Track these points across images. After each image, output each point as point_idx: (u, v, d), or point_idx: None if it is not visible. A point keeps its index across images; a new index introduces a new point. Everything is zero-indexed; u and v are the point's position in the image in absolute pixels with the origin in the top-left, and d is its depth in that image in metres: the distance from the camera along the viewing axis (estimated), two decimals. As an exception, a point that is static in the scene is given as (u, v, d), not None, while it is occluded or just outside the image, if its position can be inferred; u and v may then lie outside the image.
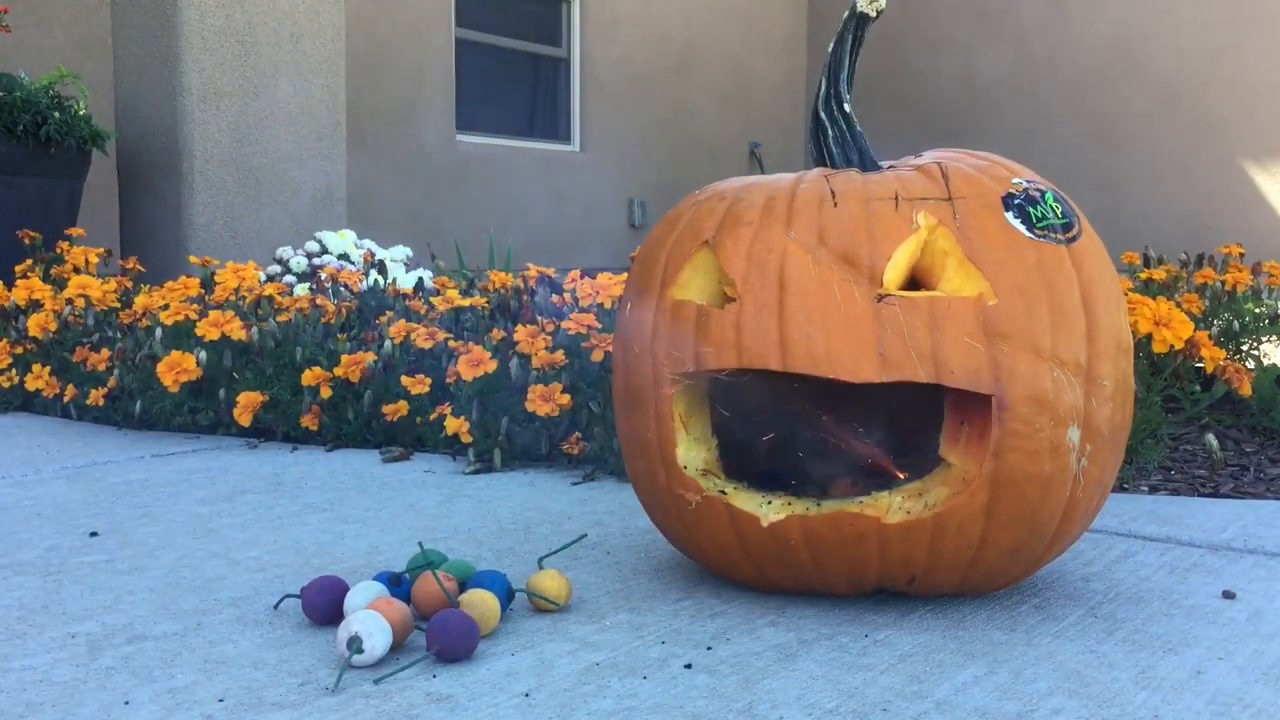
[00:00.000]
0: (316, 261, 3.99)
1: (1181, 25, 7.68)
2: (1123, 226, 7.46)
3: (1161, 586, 1.25)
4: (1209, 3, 7.60)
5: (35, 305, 2.77)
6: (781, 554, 1.13)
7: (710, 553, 1.20)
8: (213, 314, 2.28)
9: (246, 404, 2.20)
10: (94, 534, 1.49)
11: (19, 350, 2.68)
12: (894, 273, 1.09)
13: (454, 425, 1.98)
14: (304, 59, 4.83)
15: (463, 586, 1.15)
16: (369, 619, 1.00)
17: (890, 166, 1.23)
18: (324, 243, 4.16)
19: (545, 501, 1.71)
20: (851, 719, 0.90)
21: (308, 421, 2.19)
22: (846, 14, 1.24)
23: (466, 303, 2.39)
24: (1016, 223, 1.11)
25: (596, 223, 7.73)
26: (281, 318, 2.41)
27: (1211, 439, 1.87)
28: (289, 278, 3.82)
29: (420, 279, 3.19)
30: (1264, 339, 2.43)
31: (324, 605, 1.12)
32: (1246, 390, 1.84)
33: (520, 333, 2.03)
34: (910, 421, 1.14)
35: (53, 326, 2.63)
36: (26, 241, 3.25)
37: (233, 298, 2.51)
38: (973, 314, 1.07)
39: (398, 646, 1.04)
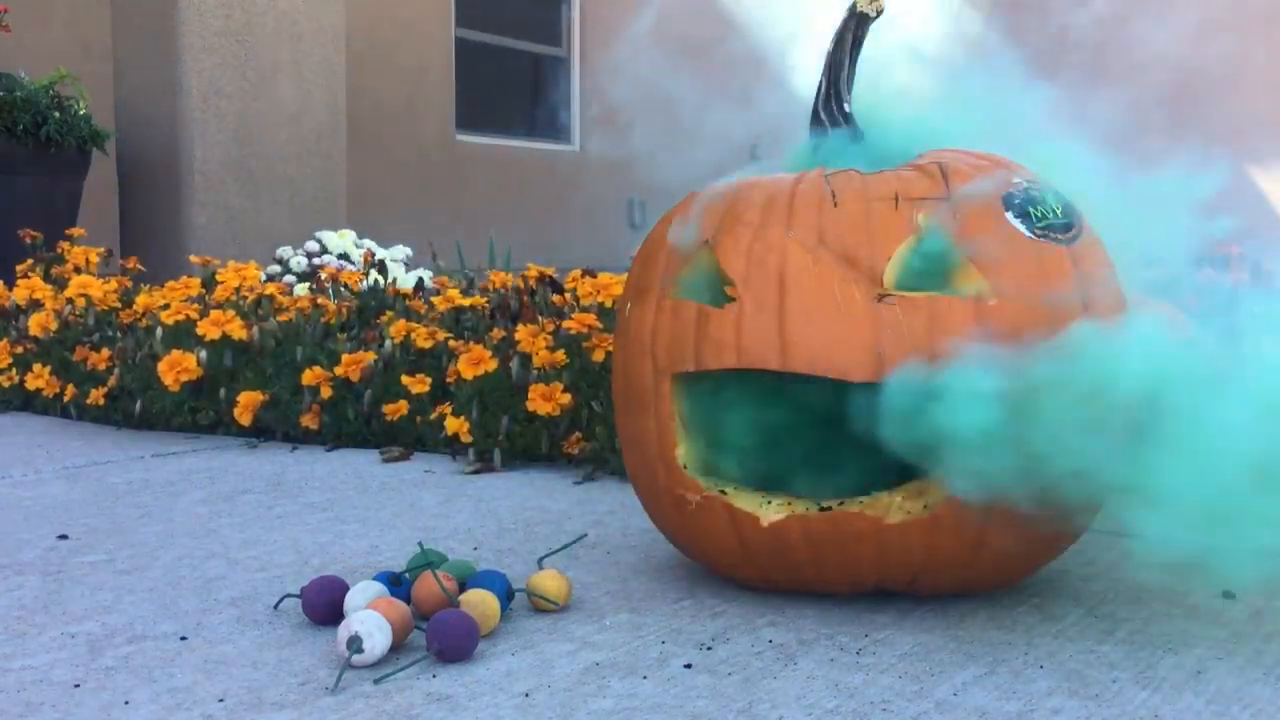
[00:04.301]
0: (316, 261, 3.99)
1: (1181, 25, 7.68)
2: (1123, 226, 7.44)
3: (1161, 586, 1.25)
4: (1209, 3, 7.60)
5: (36, 305, 2.77)
6: (781, 554, 1.13)
7: (710, 553, 1.20)
8: (213, 313, 2.28)
9: (246, 404, 2.20)
10: (84, 532, 1.49)
11: (19, 350, 2.68)
12: (894, 272, 1.09)
13: (454, 425, 1.98)
14: (304, 59, 4.83)
15: (463, 586, 1.15)
16: (369, 619, 1.00)
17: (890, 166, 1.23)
18: (324, 242, 4.16)
19: (545, 501, 1.71)
20: (851, 719, 0.90)
21: (308, 421, 2.19)
22: (846, 14, 1.24)
23: (467, 302, 2.39)
24: (1017, 223, 1.11)
25: (596, 222, 7.72)
26: (282, 317, 2.41)
27: (1211, 439, 1.86)
28: (289, 277, 3.82)
29: (420, 279, 3.19)
30: (1264, 339, 2.43)
31: (324, 605, 1.12)
32: (1246, 390, 1.83)
33: (521, 332, 2.03)
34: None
35: (53, 326, 2.63)
36: (27, 241, 3.24)
37: (233, 297, 2.51)
38: (972, 314, 1.07)
39: (398, 646, 1.04)
